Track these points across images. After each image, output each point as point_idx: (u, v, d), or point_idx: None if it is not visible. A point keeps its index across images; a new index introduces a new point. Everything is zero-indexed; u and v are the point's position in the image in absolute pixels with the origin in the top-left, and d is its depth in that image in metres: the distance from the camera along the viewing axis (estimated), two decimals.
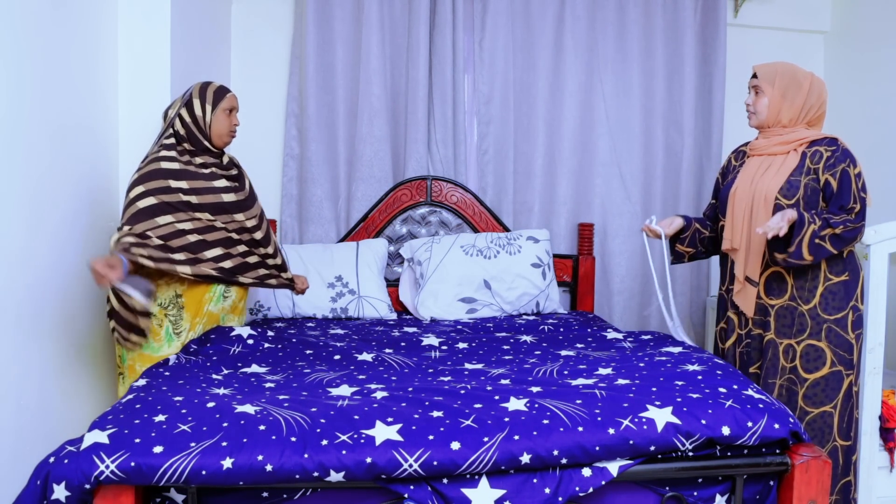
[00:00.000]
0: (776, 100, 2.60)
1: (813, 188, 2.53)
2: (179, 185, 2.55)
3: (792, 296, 2.56)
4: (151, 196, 2.51)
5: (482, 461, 1.72)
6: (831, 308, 2.55)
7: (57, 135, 2.43)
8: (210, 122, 2.64)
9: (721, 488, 1.92)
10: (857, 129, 3.93)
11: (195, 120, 2.63)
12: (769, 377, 2.57)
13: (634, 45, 3.94)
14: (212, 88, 2.68)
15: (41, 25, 2.32)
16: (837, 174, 2.50)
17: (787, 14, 4.23)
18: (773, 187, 2.55)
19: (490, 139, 3.87)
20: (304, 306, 3.34)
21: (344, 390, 2.07)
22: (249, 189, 2.78)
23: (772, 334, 2.59)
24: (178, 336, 2.59)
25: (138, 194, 2.51)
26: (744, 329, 2.69)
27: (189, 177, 2.58)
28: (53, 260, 2.41)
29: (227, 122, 2.68)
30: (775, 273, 2.58)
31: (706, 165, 4.04)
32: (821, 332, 2.54)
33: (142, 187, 2.52)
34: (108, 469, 1.64)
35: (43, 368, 2.35)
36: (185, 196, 2.55)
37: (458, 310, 3.36)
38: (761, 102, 2.63)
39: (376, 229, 3.71)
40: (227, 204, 2.64)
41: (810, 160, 2.55)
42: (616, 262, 3.98)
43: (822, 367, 2.55)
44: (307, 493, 1.78)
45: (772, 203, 2.54)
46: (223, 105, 2.66)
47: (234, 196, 2.67)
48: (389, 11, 3.76)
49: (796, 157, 2.58)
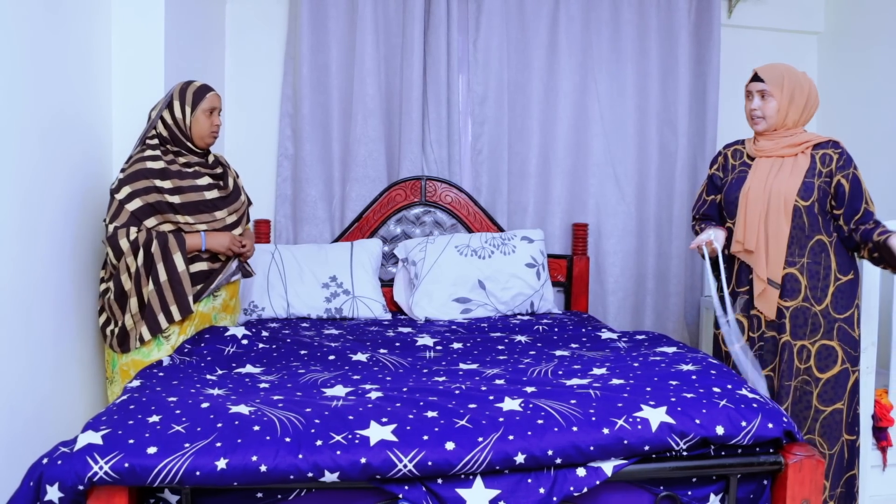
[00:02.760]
0: (784, 104, 2.60)
1: (824, 190, 2.55)
2: (163, 184, 2.57)
3: (805, 297, 2.57)
4: (138, 198, 2.53)
5: (477, 461, 1.72)
6: (841, 307, 2.56)
7: (50, 134, 2.42)
8: (190, 123, 2.64)
9: (715, 488, 1.92)
10: (850, 130, 3.95)
11: (176, 122, 2.63)
12: (785, 379, 2.57)
13: (629, 46, 3.95)
14: (192, 89, 2.66)
15: (34, 22, 2.31)
16: (849, 177, 2.54)
17: (781, 15, 4.25)
18: (791, 189, 2.55)
19: (484, 139, 3.87)
20: (299, 306, 3.33)
21: (338, 391, 2.06)
22: (233, 186, 2.78)
23: (787, 336, 2.58)
24: (168, 340, 2.59)
25: (126, 196, 2.53)
26: (756, 332, 2.67)
27: (173, 176, 2.59)
28: (46, 260, 2.40)
29: (208, 123, 2.67)
30: (789, 274, 2.58)
31: (700, 165, 4.05)
32: (832, 331, 2.56)
33: (128, 188, 2.54)
34: (101, 470, 1.63)
35: (36, 370, 2.34)
36: (168, 197, 2.57)
37: (453, 310, 3.36)
38: (770, 107, 2.61)
39: (371, 229, 3.70)
40: (208, 201, 2.64)
41: (820, 163, 2.57)
42: (610, 262, 3.99)
43: (834, 365, 2.56)
44: (301, 493, 1.77)
45: (791, 205, 2.55)
46: (203, 106, 2.65)
47: (216, 193, 2.67)
48: (384, 11, 3.75)
49: (806, 158, 2.59)
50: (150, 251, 2.52)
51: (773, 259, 2.59)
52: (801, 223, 2.56)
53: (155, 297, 2.54)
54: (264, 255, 3.39)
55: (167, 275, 2.54)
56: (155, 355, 2.57)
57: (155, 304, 2.54)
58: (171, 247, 2.54)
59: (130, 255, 2.51)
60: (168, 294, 2.54)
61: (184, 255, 2.56)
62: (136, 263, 2.52)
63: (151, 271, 2.53)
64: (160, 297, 2.54)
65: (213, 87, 2.74)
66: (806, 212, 2.56)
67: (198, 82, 2.71)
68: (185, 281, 2.55)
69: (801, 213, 2.56)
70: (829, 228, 2.59)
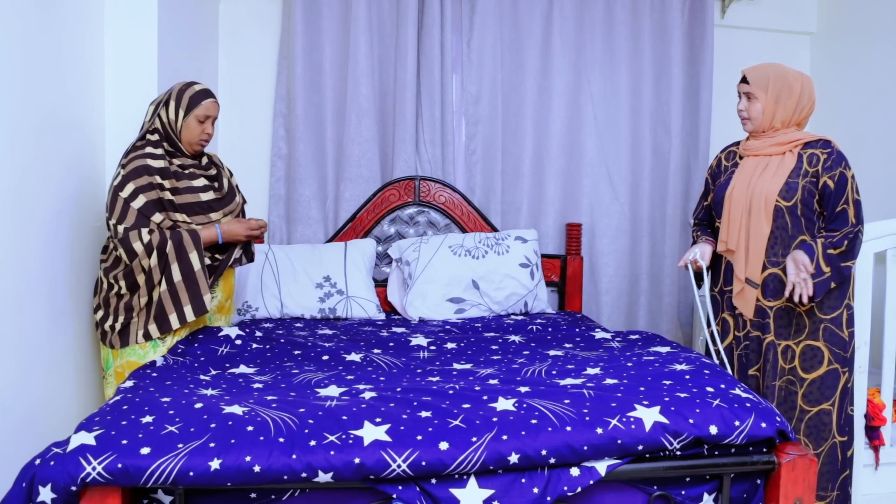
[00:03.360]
0: (770, 105, 2.59)
1: (810, 191, 2.54)
2: (163, 183, 2.55)
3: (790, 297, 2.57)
4: (142, 194, 2.50)
5: (470, 461, 1.72)
6: (827, 307, 2.56)
7: (43, 133, 2.41)
8: (180, 128, 2.61)
9: (708, 487, 1.93)
10: (844, 130, 3.96)
11: (167, 123, 2.61)
12: (770, 379, 2.57)
13: (622, 46, 3.95)
14: (189, 92, 2.62)
15: (26, 22, 2.30)
16: (836, 177, 2.51)
17: (774, 15, 4.26)
18: (772, 189, 2.55)
19: (478, 139, 3.87)
20: (293, 306, 3.33)
21: (332, 391, 2.06)
22: (229, 186, 2.77)
23: (771, 336, 2.59)
24: (163, 341, 2.58)
25: (130, 193, 2.50)
26: (741, 331, 2.68)
27: (171, 176, 2.58)
28: (39, 259, 2.39)
29: (198, 131, 2.63)
30: (773, 275, 2.59)
31: (694, 165, 4.06)
32: (818, 331, 2.56)
33: (132, 185, 2.50)
34: (94, 471, 1.63)
35: (29, 369, 2.33)
36: (169, 195, 2.55)
37: (447, 310, 3.36)
38: (755, 108, 2.62)
39: (364, 229, 3.70)
40: (205, 203, 2.63)
41: (807, 162, 2.56)
42: (604, 261, 3.99)
43: (820, 366, 2.56)
44: (295, 493, 1.77)
45: (772, 205, 2.55)
46: (197, 112, 2.61)
47: (213, 194, 2.66)
48: (377, 11, 3.75)
49: (793, 158, 2.58)
50: (164, 252, 2.49)
51: (753, 259, 2.60)
52: (784, 223, 2.56)
53: (168, 298, 2.50)
54: (258, 255, 3.38)
55: (181, 274, 2.49)
56: (150, 357, 2.56)
57: (167, 304, 2.51)
58: (186, 245, 2.50)
59: (145, 257, 2.48)
60: (183, 294, 2.50)
61: (200, 252, 2.52)
62: (150, 263, 2.49)
63: (165, 270, 2.49)
64: (174, 297, 2.51)
65: (213, 94, 2.68)
66: (788, 212, 2.54)
67: (199, 86, 2.66)
68: (201, 280, 2.51)
69: (784, 214, 2.55)
70: (814, 229, 2.57)
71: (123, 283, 2.53)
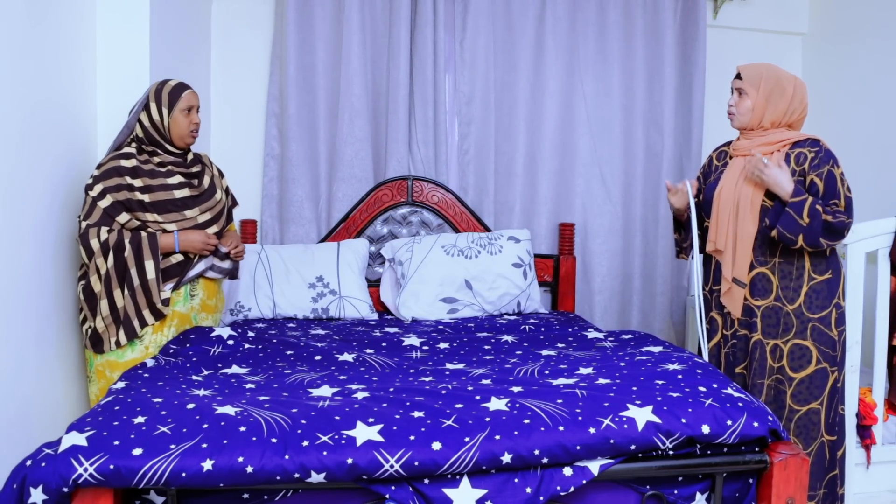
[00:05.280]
0: (760, 104, 2.60)
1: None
2: (134, 182, 2.57)
3: (777, 296, 2.57)
4: (109, 195, 2.54)
5: (463, 461, 1.72)
6: (815, 307, 2.56)
7: (33, 131, 2.40)
8: (169, 125, 2.63)
9: (701, 486, 1.93)
10: (834, 130, 3.97)
11: (154, 124, 2.62)
12: (757, 377, 2.58)
13: (615, 46, 3.96)
14: (167, 89, 2.64)
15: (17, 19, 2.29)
16: (823, 175, 2.50)
17: (766, 16, 4.27)
18: (759, 188, 2.55)
19: (471, 139, 3.87)
20: (285, 307, 3.32)
21: (325, 391, 2.06)
22: (209, 184, 2.76)
23: (758, 335, 2.60)
24: (141, 340, 2.58)
25: (99, 193, 2.54)
26: (729, 330, 2.69)
27: (143, 175, 2.60)
28: (28, 258, 2.38)
29: (187, 122, 2.66)
30: (760, 274, 2.60)
31: (686, 165, 4.07)
32: (806, 330, 2.56)
33: (101, 185, 2.55)
34: (86, 472, 1.62)
35: (18, 369, 2.32)
36: (139, 194, 2.57)
37: (440, 310, 3.36)
38: (744, 105, 2.63)
39: (357, 229, 3.70)
40: (177, 200, 2.63)
41: (795, 161, 2.56)
42: (597, 261, 4.00)
43: (808, 365, 2.57)
44: (288, 494, 1.77)
45: (759, 205, 2.56)
46: (180, 105, 2.63)
47: (187, 192, 2.66)
48: (370, 11, 3.75)
49: (781, 158, 2.58)
50: (122, 256, 2.53)
51: (740, 258, 2.61)
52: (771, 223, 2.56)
53: (130, 303, 2.55)
54: (251, 255, 3.38)
55: (139, 280, 2.55)
56: (129, 356, 2.58)
57: (130, 309, 2.56)
58: (143, 252, 2.55)
59: (100, 256, 2.52)
60: (140, 299, 2.56)
61: (156, 261, 2.56)
62: (107, 265, 2.52)
63: (126, 277, 2.54)
64: (134, 302, 2.56)
65: (188, 85, 2.71)
66: (775, 211, 2.54)
67: (173, 81, 2.68)
68: (153, 289, 2.56)
69: (770, 213, 2.55)
70: None
71: (84, 289, 2.58)
